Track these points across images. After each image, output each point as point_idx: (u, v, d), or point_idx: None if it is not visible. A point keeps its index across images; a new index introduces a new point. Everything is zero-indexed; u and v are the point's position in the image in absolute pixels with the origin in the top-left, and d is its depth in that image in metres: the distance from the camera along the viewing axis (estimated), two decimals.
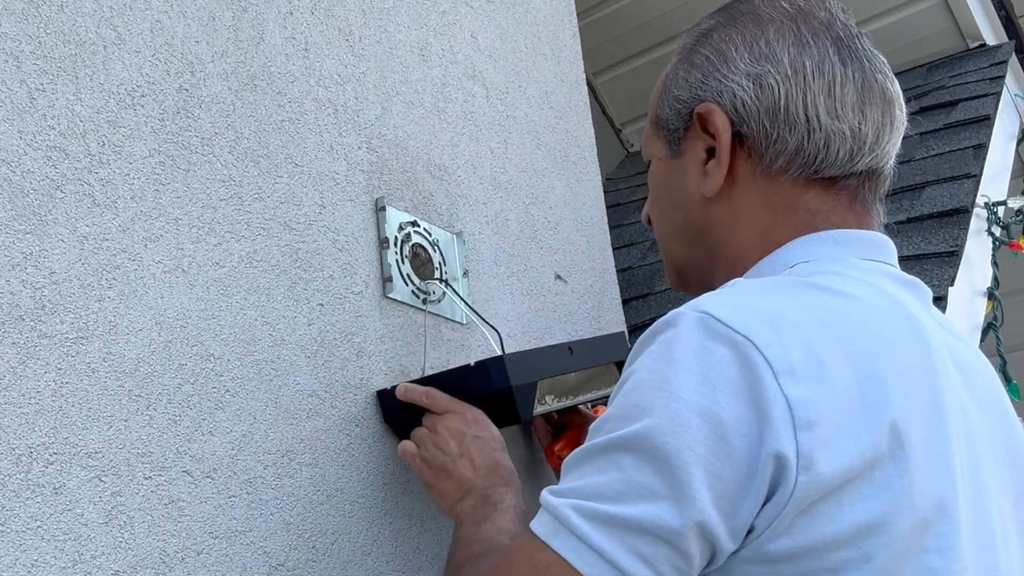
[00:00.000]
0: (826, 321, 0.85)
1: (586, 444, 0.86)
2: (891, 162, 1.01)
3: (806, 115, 0.96)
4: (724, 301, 0.86)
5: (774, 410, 0.79)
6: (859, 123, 0.97)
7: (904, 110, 1.02)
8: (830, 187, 0.98)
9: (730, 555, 0.81)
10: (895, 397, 0.83)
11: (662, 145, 1.06)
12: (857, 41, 1.00)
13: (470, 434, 1.23)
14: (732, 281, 0.92)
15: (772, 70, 0.97)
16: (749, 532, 0.80)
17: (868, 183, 1.00)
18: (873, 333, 0.86)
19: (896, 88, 1.01)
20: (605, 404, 1.18)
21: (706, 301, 0.86)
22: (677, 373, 0.82)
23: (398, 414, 1.34)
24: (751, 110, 0.98)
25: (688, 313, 0.84)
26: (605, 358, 1.47)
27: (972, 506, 0.87)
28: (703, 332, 0.82)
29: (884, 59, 1.02)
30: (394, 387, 1.32)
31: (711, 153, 1.01)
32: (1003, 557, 0.89)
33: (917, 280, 0.99)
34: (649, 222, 1.12)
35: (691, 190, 1.02)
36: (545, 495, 0.86)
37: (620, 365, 1.48)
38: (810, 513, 0.79)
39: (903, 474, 0.81)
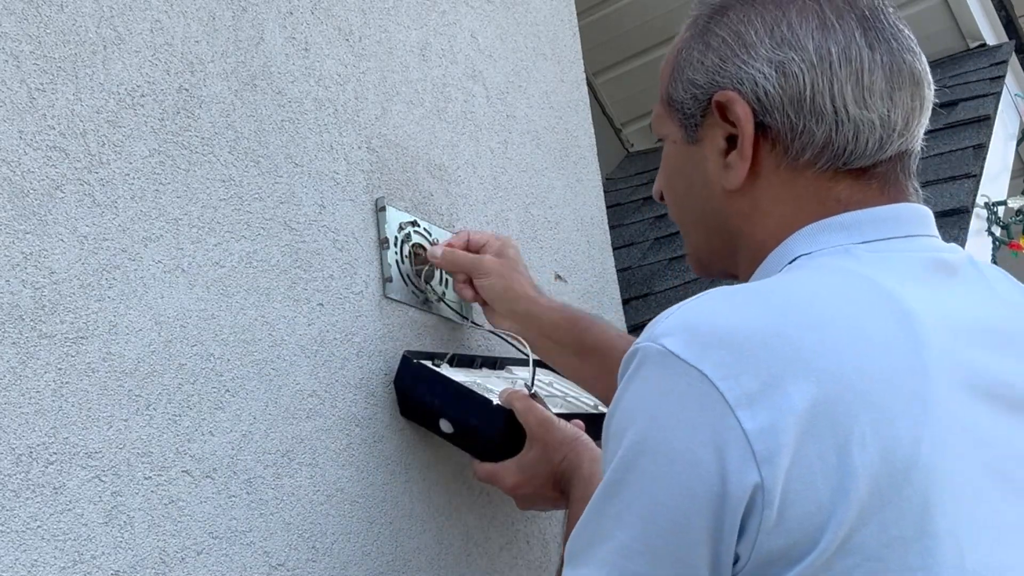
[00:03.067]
0: (792, 336, 0.80)
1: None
2: (920, 140, 0.96)
3: (833, 106, 0.91)
4: (681, 325, 0.83)
5: (733, 447, 0.77)
6: (888, 111, 0.92)
7: (932, 87, 0.96)
8: (860, 177, 0.93)
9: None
10: (867, 412, 0.78)
11: (676, 128, 1.01)
12: (883, 17, 0.94)
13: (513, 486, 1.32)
14: (700, 295, 0.88)
15: (796, 57, 0.91)
16: (736, 561, 0.79)
17: (899, 164, 0.95)
18: (846, 337, 0.81)
19: (924, 65, 0.95)
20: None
21: (664, 328, 0.83)
22: (647, 425, 0.81)
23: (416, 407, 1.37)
24: (774, 100, 0.92)
25: (649, 347, 0.82)
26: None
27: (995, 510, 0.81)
28: (661, 370, 0.81)
29: (910, 33, 0.96)
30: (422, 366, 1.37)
31: (731, 142, 0.95)
32: None
33: (945, 259, 0.92)
34: (662, 198, 1.08)
35: (711, 181, 0.97)
36: None
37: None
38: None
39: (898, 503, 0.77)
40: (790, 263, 0.92)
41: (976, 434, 0.82)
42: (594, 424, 1.36)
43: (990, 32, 3.15)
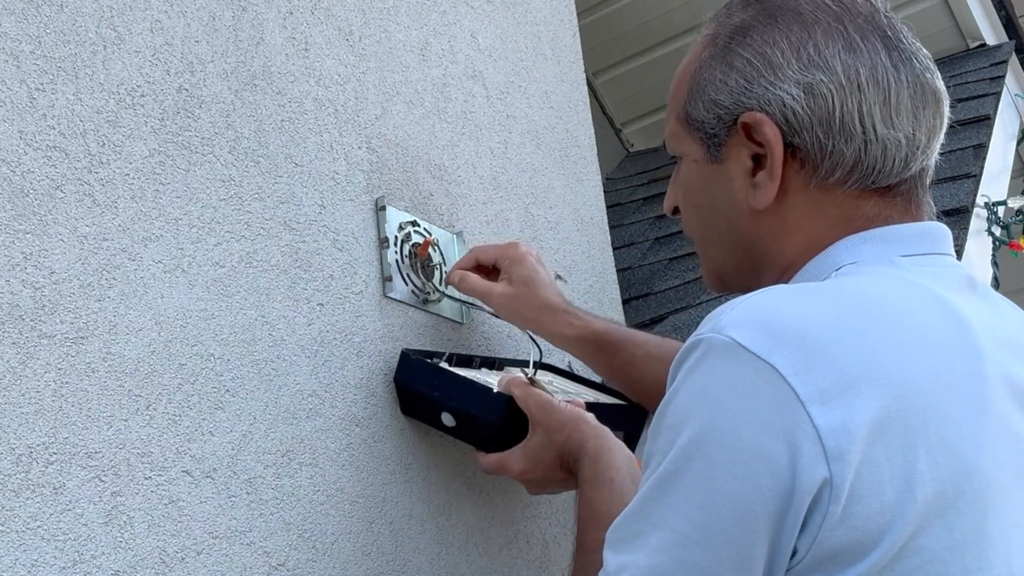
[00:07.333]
0: (865, 334, 0.81)
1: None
2: (936, 155, 0.98)
3: (862, 126, 0.92)
4: (750, 318, 0.82)
5: (804, 442, 0.77)
6: (913, 129, 0.94)
7: (948, 101, 0.99)
8: (885, 195, 0.95)
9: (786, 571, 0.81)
10: (935, 416, 0.79)
11: (697, 147, 1.01)
12: (903, 38, 0.96)
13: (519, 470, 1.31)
14: (764, 290, 0.88)
15: (824, 78, 0.92)
16: (793, 555, 0.80)
17: (919, 181, 0.97)
18: (915, 341, 0.83)
19: (941, 83, 0.98)
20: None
21: (730, 320, 0.82)
22: (714, 415, 0.80)
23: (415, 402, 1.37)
24: (803, 121, 0.93)
25: (715, 339, 0.82)
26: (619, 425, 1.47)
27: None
28: (729, 362, 0.80)
29: (927, 52, 0.98)
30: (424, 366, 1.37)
31: (757, 161, 0.96)
32: None
33: (971, 275, 0.95)
34: (674, 213, 1.08)
35: (737, 200, 0.98)
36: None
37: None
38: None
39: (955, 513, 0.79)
40: (836, 271, 0.92)
41: (1015, 442, 0.84)
42: (594, 412, 1.36)
43: (990, 32, 3.15)
